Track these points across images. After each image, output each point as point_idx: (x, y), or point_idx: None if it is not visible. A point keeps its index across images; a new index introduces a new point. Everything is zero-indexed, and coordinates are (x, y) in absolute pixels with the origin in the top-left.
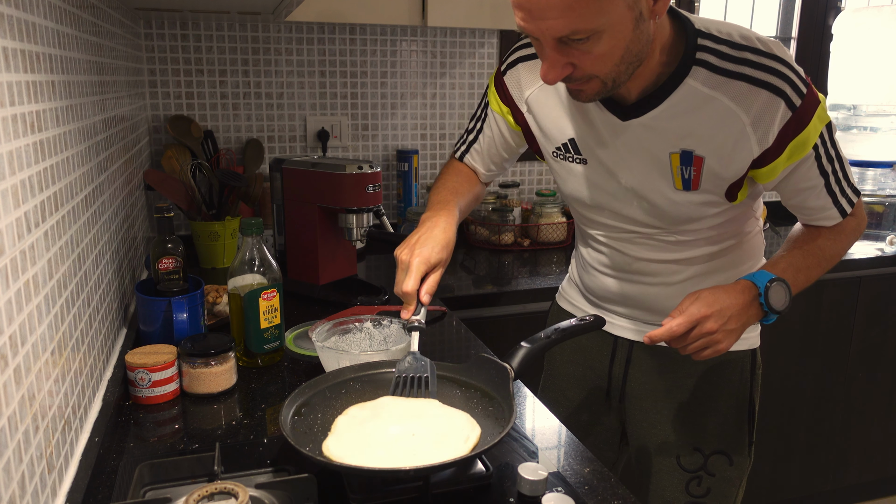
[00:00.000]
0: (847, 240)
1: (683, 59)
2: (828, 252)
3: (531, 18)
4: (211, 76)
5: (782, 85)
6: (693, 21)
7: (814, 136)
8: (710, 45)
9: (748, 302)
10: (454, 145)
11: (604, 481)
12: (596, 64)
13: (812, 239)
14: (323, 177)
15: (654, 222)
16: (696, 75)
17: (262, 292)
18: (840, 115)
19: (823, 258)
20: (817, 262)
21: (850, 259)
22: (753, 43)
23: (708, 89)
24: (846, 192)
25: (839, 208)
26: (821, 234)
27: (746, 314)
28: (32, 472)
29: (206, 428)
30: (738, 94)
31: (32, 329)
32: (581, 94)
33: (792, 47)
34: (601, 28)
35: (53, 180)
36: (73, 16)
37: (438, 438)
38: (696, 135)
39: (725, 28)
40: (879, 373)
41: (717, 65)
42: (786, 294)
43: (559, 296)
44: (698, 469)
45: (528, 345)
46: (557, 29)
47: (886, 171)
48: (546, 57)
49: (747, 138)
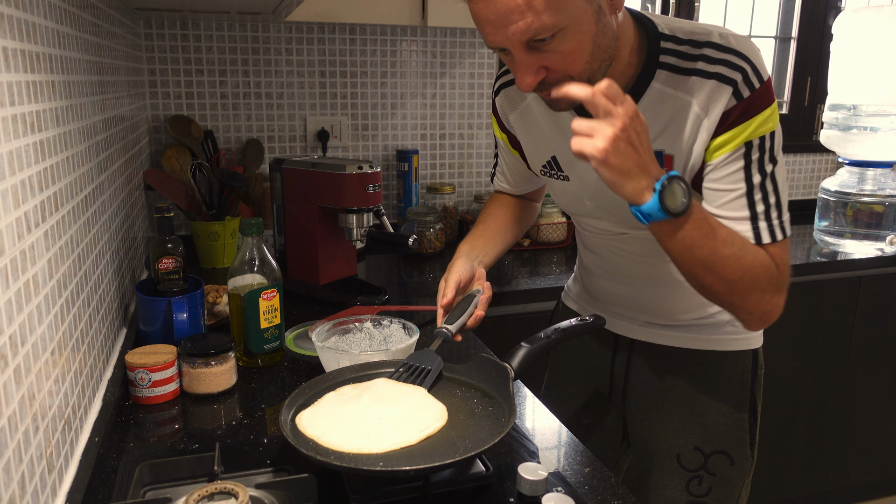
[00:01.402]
0: (753, 268)
1: (647, 63)
2: (737, 247)
3: (496, 29)
4: (211, 76)
5: (733, 74)
6: (658, 24)
7: (753, 133)
8: (671, 48)
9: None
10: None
11: (604, 481)
12: (567, 62)
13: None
14: (323, 177)
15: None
16: (660, 77)
17: (262, 292)
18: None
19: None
20: (729, 246)
21: (850, 259)
22: (714, 38)
23: (670, 89)
24: (771, 220)
25: (755, 230)
26: (739, 238)
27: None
28: (32, 472)
29: (206, 428)
30: (692, 88)
31: (32, 329)
32: (560, 102)
33: (792, 47)
34: (563, 24)
35: (53, 180)
36: (73, 16)
37: (396, 425)
38: (664, 135)
39: (689, 27)
40: (879, 372)
41: (677, 65)
42: (683, 196)
43: (564, 295)
44: (699, 468)
45: (528, 345)
46: (522, 31)
47: (886, 171)
48: (518, 64)
49: (702, 127)
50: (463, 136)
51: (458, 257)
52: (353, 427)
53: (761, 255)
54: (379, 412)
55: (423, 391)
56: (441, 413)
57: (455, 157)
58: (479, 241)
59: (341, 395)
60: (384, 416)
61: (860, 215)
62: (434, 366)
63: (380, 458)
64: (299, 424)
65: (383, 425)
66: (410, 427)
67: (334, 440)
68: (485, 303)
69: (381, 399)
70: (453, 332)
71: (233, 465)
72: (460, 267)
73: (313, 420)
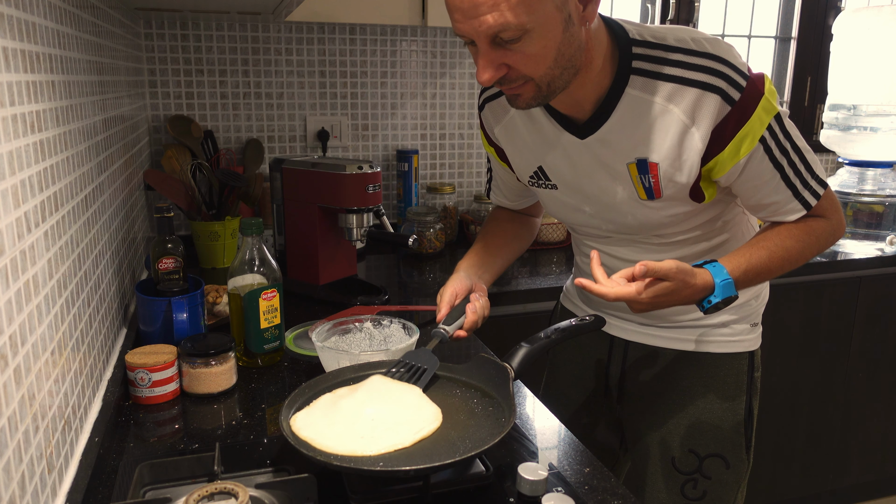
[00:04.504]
0: (817, 244)
1: (620, 69)
2: (793, 255)
3: (464, 18)
4: (211, 76)
5: (715, 80)
6: (629, 30)
7: (759, 128)
8: (643, 52)
9: (689, 299)
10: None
11: (604, 481)
12: (529, 65)
13: (781, 240)
14: (323, 177)
15: (633, 231)
16: (634, 83)
17: (262, 292)
18: (840, 115)
19: (788, 261)
20: (780, 266)
21: (850, 259)
22: (686, 43)
23: (647, 95)
24: (809, 184)
25: (801, 200)
26: (790, 235)
27: (677, 304)
28: (32, 472)
29: (206, 428)
30: (671, 94)
31: (32, 329)
32: (518, 98)
33: (792, 47)
34: (530, 26)
35: (53, 180)
36: (73, 16)
37: (391, 427)
38: (646, 142)
39: (661, 32)
40: (879, 373)
41: (650, 70)
42: (725, 308)
43: (563, 296)
44: (693, 471)
45: (528, 345)
46: (489, 25)
47: (886, 171)
48: (481, 56)
49: (692, 137)
50: (463, 136)
51: (455, 273)
52: (348, 429)
53: (811, 227)
54: (373, 413)
55: (418, 391)
56: (436, 415)
57: (455, 157)
58: (476, 258)
59: (335, 395)
60: (378, 417)
61: (860, 215)
62: (430, 365)
63: (379, 458)
64: (294, 426)
65: (377, 427)
66: (405, 429)
67: (328, 442)
68: (474, 309)
69: (376, 399)
70: (451, 332)
71: (233, 465)
72: (456, 281)
73: (308, 422)
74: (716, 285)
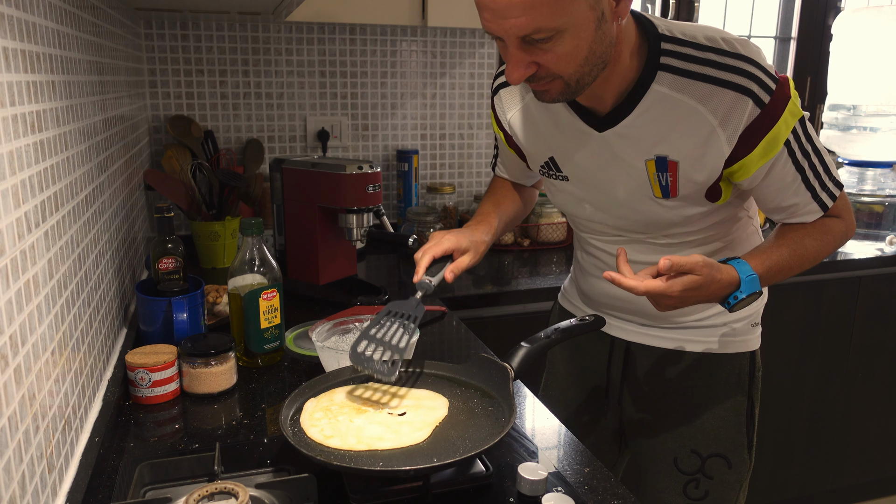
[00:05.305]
0: (833, 243)
1: (648, 65)
2: (812, 253)
3: (495, 18)
4: (211, 76)
5: (748, 83)
6: (657, 25)
7: (785, 131)
8: (673, 49)
9: (715, 295)
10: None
11: (604, 481)
12: (559, 64)
13: (800, 238)
14: (323, 177)
15: (642, 228)
16: (662, 80)
17: (262, 292)
18: (840, 115)
19: (807, 259)
20: (799, 264)
21: (850, 259)
22: (718, 43)
23: (675, 93)
24: (826, 186)
25: (819, 202)
26: (808, 234)
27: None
28: (33, 472)
29: (206, 428)
30: (703, 95)
31: (33, 329)
32: (545, 94)
33: (792, 47)
34: (563, 27)
35: (53, 180)
36: (73, 16)
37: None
38: (669, 140)
39: (690, 30)
40: (879, 373)
41: (680, 67)
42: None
43: (561, 296)
44: (695, 472)
45: (528, 345)
46: (520, 27)
47: (886, 171)
48: (510, 56)
49: (717, 138)
50: (463, 136)
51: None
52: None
53: (828, 227)
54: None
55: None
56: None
57: (455, 157)
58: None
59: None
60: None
61: (860, 215)
62: (417, 312)
63: (380, 457)
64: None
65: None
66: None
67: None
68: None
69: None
70: (434, 284)
71: (233, 465)
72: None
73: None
74: (741, 280)
